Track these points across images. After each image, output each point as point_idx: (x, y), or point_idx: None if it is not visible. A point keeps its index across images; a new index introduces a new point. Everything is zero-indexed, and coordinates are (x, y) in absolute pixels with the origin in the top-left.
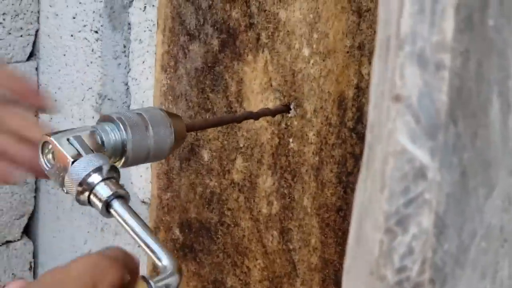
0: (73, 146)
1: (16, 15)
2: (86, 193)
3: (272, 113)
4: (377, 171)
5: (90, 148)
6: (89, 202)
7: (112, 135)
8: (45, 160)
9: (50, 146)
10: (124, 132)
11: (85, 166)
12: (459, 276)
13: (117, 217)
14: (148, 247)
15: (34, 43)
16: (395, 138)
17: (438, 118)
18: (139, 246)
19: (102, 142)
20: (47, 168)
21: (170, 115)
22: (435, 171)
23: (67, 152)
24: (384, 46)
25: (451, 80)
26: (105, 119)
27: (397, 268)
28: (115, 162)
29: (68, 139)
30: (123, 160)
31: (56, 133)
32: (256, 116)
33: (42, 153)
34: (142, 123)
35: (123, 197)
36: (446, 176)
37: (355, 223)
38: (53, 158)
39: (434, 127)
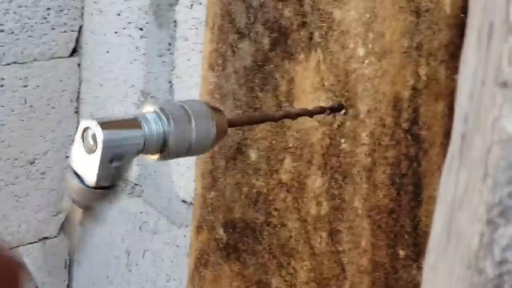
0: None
1: (60, 10)
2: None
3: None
4: (476, 161)
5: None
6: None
7: (154, 125)
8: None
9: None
10: (166, 123)
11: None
12: None
13: None
14: None
15: (78, 39)
16: (501, 126)
17: None
18: None
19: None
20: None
21: (213, 109)
22: None
23: None
24: (484, 34)
25: None
26: (148, 108)
27: (498, 261)
28: (156, 153)
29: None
30: (164, 152)
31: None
32: (309, 113)
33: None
34: (184, 115)
35: None
36: None
37: (443, 215)
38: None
39: None
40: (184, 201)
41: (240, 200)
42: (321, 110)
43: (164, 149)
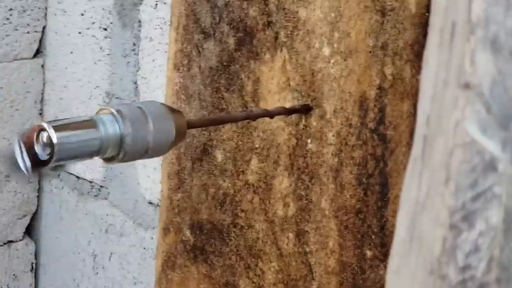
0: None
1: (23, 11)
2: None
3: (287, 112)
4: (438, 164)
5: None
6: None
7: (110, 127)
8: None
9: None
10: (122, 125)
11: None
12: None
13: None
14: None
15: (41, 40)
16: (464, 129)
17: (511, 108)
18: None
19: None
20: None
21: (171, 110)
22: (506, 164)
23: None
24: (447, 33)
25: None
26: (105, 111)
27: (461, 267)
28: (112, 156)
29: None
30: (121, 154)
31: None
32: (271, 114)
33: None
34: (141, 117)
35: None
36: None
37: (406, 219)
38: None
39: (507, 116)
40: (150, 203)
41: (207, 202)
42: (285, 111)
43: (121, 151)
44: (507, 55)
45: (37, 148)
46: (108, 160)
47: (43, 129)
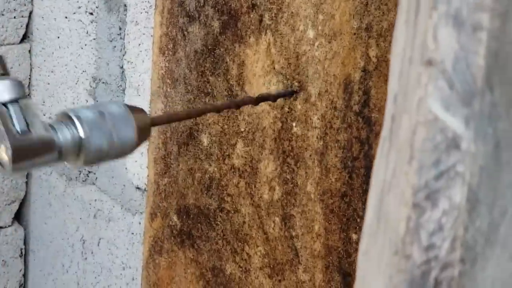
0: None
1: None
2: None
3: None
4: (403, 143)
5: None
6: None
7: (69, 133)
8: None
9: None
10: (81, 130)
11: None
12: (489, 255)
13: None
14: None
15: (28, 25)
16: (427, 106)
17: (474, 84)
18: None
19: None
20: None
21: (133, 109)
22: (469, 142)
23: None
24: (412, 10)
25: (489, 42)
26: (63, 116)
27: (424, 246)
28: (72, 161)
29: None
30: (81, 159)
31: None
32: (236, 105)
33: None
34: (101, 120)
35: None
36: (480, 147)
37: (375, 199)
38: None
39: (470, 93)
40: (138, 188)
41: (193, 186)
42: (267, 97)
43: (80, 156)
44: (469, 31)
45: None
46: (72, 163)
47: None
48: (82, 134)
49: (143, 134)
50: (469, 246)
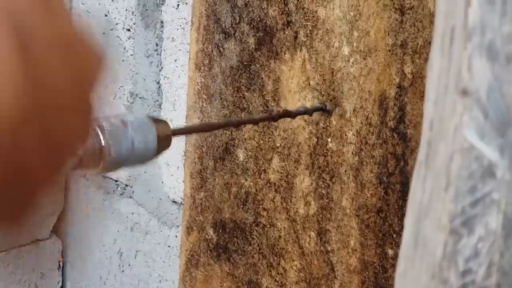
0: None
1: None
2: None
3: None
4: (440, 169)
5: None
6: None
7: (91, 140)
8: None
9: None
10: (102, 138)
11: None
12: None
13: None
14: None
15: None
16: (462, 134)
17: (508, 114)
18: None
19: None
20: None
21: (155, 120)
22: (504, 170)
23: None
24: (447, 38)
25: None
26: None
27: (461, 272)
28: (93, 167)
29: None
30: (101, 165)
31: None
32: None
33: None
34: (122, 128)
35: None
36: None
37: (412, 224)
38: None
39: (504, 123)
40: (174, 202)
41: (229, 201)
42: (305, 111)
43: (101, 162)
44: (503, 62)
45: None
46: (91, 171)
47: None
48: (102, 141)
49: (164, 143)
50: (505, 271)
